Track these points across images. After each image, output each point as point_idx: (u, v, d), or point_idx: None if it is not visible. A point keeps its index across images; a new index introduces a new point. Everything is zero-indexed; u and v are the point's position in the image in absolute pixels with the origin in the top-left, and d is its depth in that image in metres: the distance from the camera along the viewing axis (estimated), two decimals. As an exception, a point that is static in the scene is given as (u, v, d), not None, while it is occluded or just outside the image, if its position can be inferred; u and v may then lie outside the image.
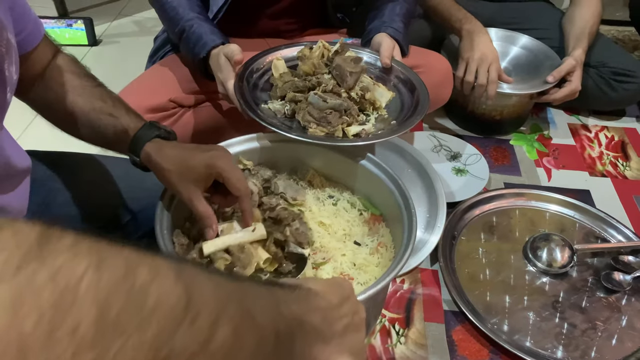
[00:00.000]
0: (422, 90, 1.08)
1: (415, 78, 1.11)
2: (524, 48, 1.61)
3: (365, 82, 1.06)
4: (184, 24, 1.11)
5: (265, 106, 1.03)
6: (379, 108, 1.06)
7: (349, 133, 0.97)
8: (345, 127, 0.98)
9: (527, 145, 1.59)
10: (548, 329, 1.07)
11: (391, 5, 1.23)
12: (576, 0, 1.62)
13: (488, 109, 1.55)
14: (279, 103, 1.03)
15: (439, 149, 1.51)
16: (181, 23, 1.12)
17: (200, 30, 1.10)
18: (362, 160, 0.98)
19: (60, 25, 1.98)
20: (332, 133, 0.96)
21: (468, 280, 1.15)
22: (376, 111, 1.06)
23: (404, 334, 1.06)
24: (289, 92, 1.03)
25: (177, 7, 1.13)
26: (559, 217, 1.32)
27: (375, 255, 0.92)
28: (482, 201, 1.32)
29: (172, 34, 1.18)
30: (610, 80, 1.59)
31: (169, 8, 1.14)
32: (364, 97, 1.04)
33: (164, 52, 1.31)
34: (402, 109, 1.08)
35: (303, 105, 0.99)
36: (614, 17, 2.22)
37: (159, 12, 1.19)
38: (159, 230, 0.81)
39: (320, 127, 0.96)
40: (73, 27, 1.99)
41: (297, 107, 1.00)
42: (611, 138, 1.65)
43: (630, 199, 1.42)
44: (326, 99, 0.97)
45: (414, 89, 1.10)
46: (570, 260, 1.18)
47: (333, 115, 0.97)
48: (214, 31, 1.10)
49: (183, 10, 1.13)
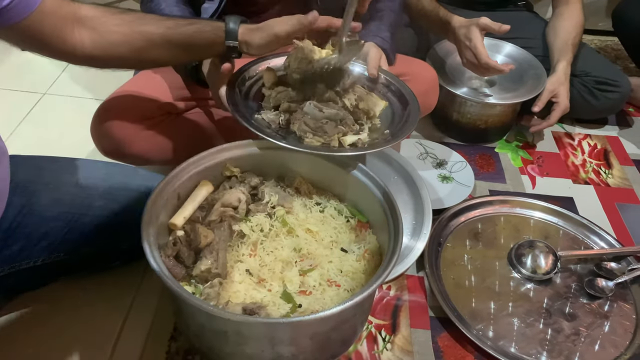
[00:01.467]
0: (412, 99, 1.09)
1: (404, 87, 1.12)
2: (508, 57, 1.63)
3: (358, 91, 1.06)
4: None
5: (259, 116, 1.02)
6: (372, 117, 1.06)
7: (345, 143, 0.97)
8: (341, 137, 0.98)
9: (511, 153, 1.61)
10: (532, 334, 1.08)
11: (378, 15, 1.24)
12: (559, 11, 1.65)
13: (473, 118, 1.57)
14: (273, 113, 1.02)
15: (425, 157, 1.53)
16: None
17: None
18: (349, 168, 0.98)
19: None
20: (328, 143, 0.96)
21: (454, 286, 1.16)
22: (370, 120, 1.06)
23: (390, 340, 1.07)
24: (283, 102, 1.02)
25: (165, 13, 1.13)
26: (543, 224, 1.33)
27: (362, 262, 0.93)
28: (468, 208, 1.34)
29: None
30: (594, 89, 1.61)
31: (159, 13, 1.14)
32: (358, 107, 1.04)
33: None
34: (394, 118, 1.08)
35: (299, 116, 0.98)
36: (597, 27, 2.25)
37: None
38: (145, 237, 0.80)
39: (316, 137, 0.96)
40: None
41: (293, 117, 1.00)
42: (594, 146, 1.67)
43: (612, 206, 1.44)
44: (322, 108, 0.97)
45: (404, 98, 1.10)
46: (554, 267, 1.20)
47: (329, 125, 0.96)
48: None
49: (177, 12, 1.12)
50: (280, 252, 0.92)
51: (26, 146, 1.00)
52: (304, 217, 0.99)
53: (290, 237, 0.95)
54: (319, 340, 0.84)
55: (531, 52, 1.62)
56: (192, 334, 0.89)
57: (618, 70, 1.68)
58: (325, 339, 0.84)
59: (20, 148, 1.02)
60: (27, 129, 1.54)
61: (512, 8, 1.78)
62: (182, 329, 0.99)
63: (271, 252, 0.92)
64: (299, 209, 1.00)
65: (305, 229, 0.96)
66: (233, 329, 0.79)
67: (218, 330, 0.82)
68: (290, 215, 0.98)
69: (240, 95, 1.05)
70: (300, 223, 0.97)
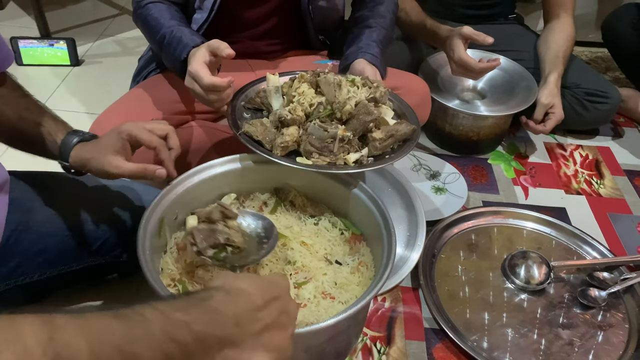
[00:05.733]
0: (411, 115, 1.10)
1: (402, 103, 1.14)
2: (500, 69, 1.64)
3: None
4: (164, 30, 1.12)
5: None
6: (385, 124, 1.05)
7: (349, 160, 0.97)
8: (345, 155, 0.98)
9: (504, 164, 1.63)
10: (526, 345, 1.09)
11: (368, 31, 1.26)
12: (550, 25, 1.68)
13: (465, 130, 1.59)
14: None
15: (419, 168, 1.54)
16: (162, 30, 1.13)
17: (180, 34, 1.10)
18: (350, 185, 0.99)
19: (42, 45, 1.98)
20: (334, 162, 0.96)
21: (448, 297, 1.17)
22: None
23: (386, 352, 1.07)
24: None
25: (158, 17, 1.15)
26: (536, 235, 1.34)
27: (356, 274, 0.94)
28: (461, 219, 1.35)
29: (154, 45, 1.19)
30: (584, 100, 1.63)
31: (151, 19, 1.16)
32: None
33: (148, 71, 1.32)
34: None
35: (304, 136, 0.98)
36: (587, 39, 2.28)
37: (141, 26, 1.20)
38: (141, 251, 0.81)
39: (322, 156, 0.96)
40: (55, 47, 1.99)
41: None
42: (585, 157, 1.69)
43: (604, 216, 1.45)
44: (327, 128, 0.96)
45: (403, 113, 1.11)
46: (547, 277, 1.21)
47: (334, 144, 0.96)
48: (193, 33, 1.12)
49: (164, 19, 1.14)
50: (274, 265, 0.93)
51: (23, 161, 1.00)
52: (298, 230, 0.99)
53: (285, 249, 0.95)
54: (314, 352, 0.84)
55: (522, 64, 1.65)
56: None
57: (607, 82, 1.71)
58: (319, 351, 0.85)
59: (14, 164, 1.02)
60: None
61: (502, 21, 1.80)
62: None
63: (266, 265, 0.92)
64: (294, 222, 1.00)
65: (299, 242, 0.97)
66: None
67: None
68: (285, 228, 0.99)
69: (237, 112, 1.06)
70: (295, 236, 0.98)
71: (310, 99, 1.02)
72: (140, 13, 1.18)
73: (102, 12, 2.45)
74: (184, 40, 1.08)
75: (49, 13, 2.23)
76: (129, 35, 2.28)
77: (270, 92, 1.06)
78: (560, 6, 1.66)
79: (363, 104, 0.99)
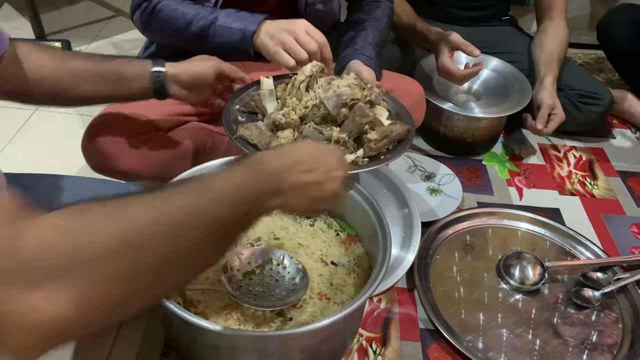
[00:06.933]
0: (406, 115, 1.11)
1: (398, 104, 1.14)
2: (494, 71, 1.66)
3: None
4: (208, 16, 1.11)
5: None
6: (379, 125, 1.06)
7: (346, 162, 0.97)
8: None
9: (499, 165, 1.63)
10: (521, 345, 1.10)
11: (363, 34, 1.26)
12: (543, 27, 1.69)
13: (460, 131, 1.59)
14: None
15: (414, 170, 1.55)
16: (205, 16, 1.11)
17: (235, 14, 1.11)
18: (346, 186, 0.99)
19: (36, 47, 1.98)
20: None
21: (443, 298, 1.17)
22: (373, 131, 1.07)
23: (381, 352, 1.07)
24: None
25: (186, 12, 1.12)
26: (530, 235, 1.35)
27: (352, 275, 0.94)
28: (456, 220, 1.35)
29: (186, 38, 1.15)
30: (577, 102, 1.64)
31: (179, 15, 1.13)
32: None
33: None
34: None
35: (299, 139, 0.98)
36: (581, 41, 2.29)
37: (163, 25, 1.16)
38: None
39: None
40: (50, 49, 1.99)
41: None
42: (579, 158, 1.70)
43: (598, 216, 1.46)
44: (322, 130, 0.97)
45: (398, 115, 1.12)
46: (541, 278, 1.21)
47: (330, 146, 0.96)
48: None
49: (195, 8, 1.12)
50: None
51: (16, 162, 1.00)
52: (294, 231, 1.00)
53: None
54: (309, 353, 0.85)
55: (516, 66, 1.66)
56: (182, 349, 0.90)
57: (600, 84, 1.72)
58: (315, 351, 0.85)
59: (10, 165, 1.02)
60: (18, 146, 1.54)
61: (496, 23, 1.81)
62: (173, 344, 0.99)
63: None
64: (290, 223, 1.01)
65: (296, 243, 0.97)
66: (224, 342, 0.80)
67: (208, 344, 0.82)
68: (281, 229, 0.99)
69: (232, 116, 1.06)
70: (291, 237, 0.98)
71: (305, 101, 1.02)
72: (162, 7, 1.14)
73: (97, 14, 2.45)
74: (247, 17, 1.10)
75: (44, 15, 2.22)
76: (124, 37, 2.28)
77: (264, 95, 1.06)
78: (553, 8, 1.67)
79: (359, 106, 1.00)
